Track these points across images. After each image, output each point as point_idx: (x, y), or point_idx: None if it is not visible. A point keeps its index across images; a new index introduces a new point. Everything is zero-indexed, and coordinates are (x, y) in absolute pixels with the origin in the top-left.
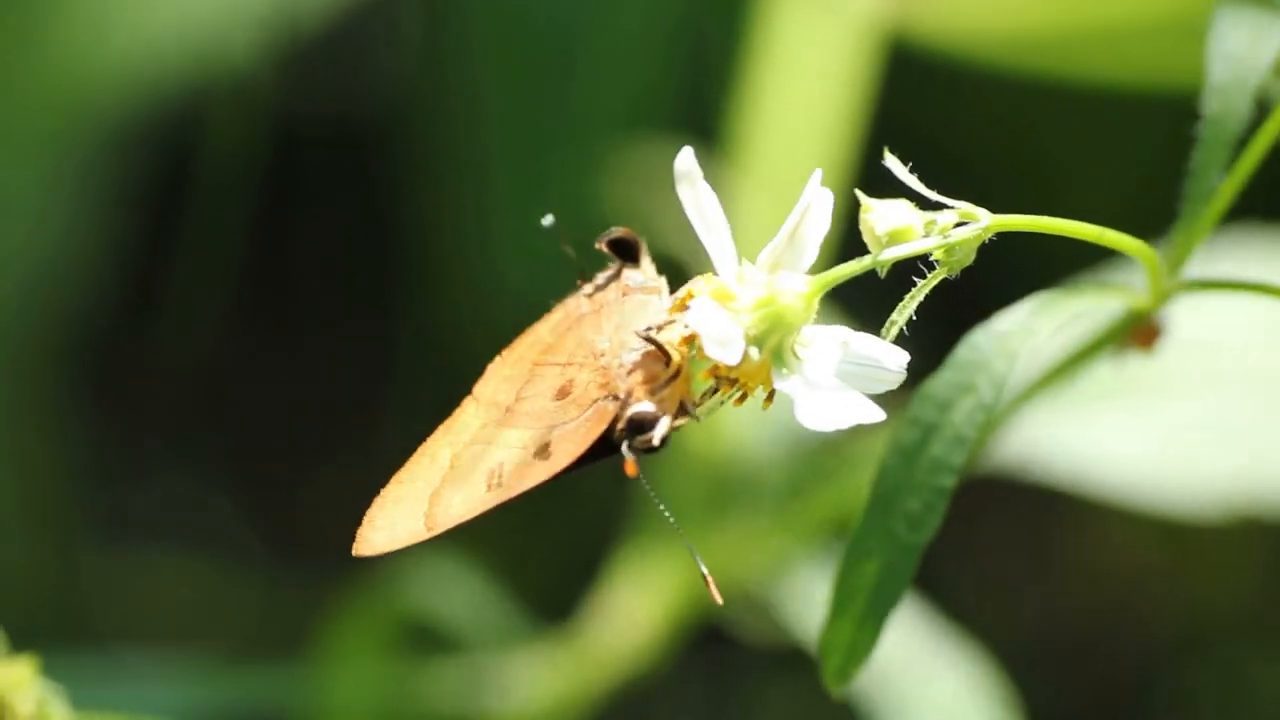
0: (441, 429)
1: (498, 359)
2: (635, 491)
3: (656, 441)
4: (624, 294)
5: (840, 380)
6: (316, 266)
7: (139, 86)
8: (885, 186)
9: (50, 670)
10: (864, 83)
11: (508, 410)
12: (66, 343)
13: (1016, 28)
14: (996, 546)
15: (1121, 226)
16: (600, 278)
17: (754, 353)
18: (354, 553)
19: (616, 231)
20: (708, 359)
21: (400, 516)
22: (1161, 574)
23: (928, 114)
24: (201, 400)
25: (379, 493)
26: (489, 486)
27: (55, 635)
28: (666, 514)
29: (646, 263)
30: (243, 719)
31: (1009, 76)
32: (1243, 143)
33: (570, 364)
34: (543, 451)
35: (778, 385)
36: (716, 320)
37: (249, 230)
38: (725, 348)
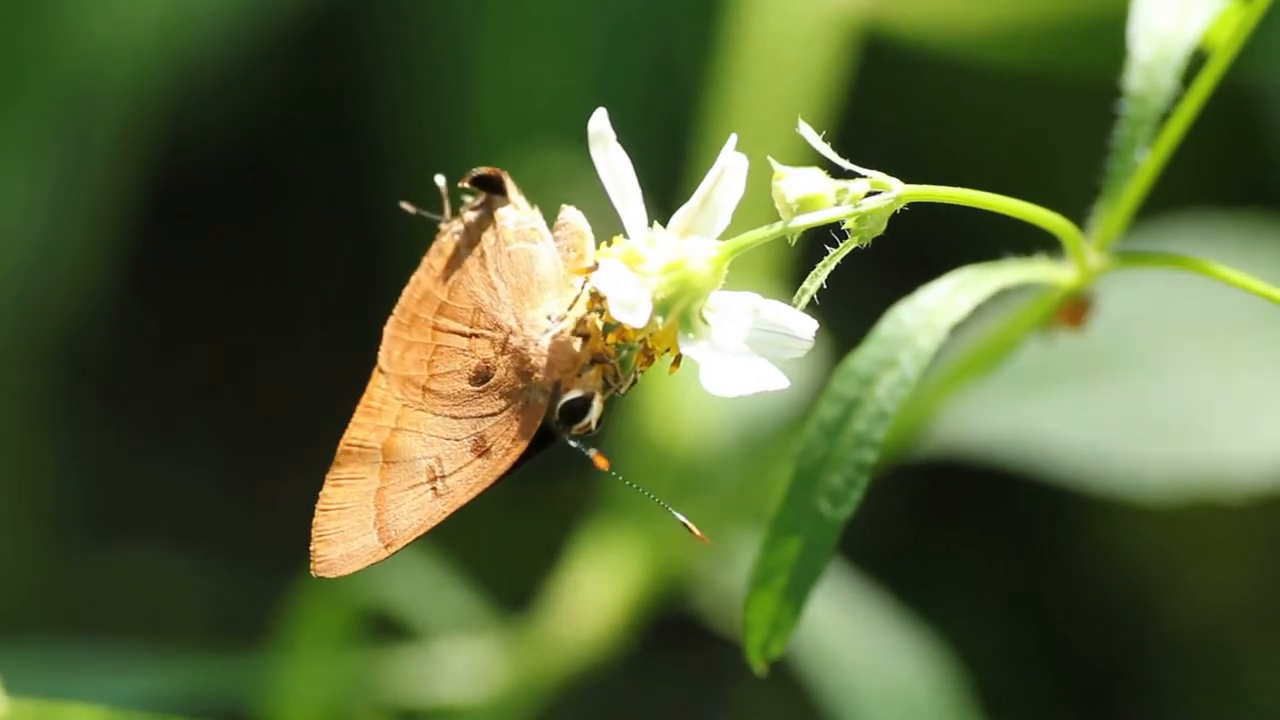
0: (358, 410)
1: (390, 320)
2: (597, 479)
3: (594, 425)
4: (506, 243)
5: (750, 347)
6: (309, 262)
7: (126, 79)
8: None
9: (30, 662)
10: (836, 73)
11: (425, 391)
12: (58, 338)
13: (991, 20)
14: (997, 545)
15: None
16: (467, 213)
17: (660, 318)
18: (313, 574)
19: (481, 170)
20: (615, 322)
21: (350, 527)
22: (1162, 572)
23: (904, 106)
24: (196, 395)
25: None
26: (435, 491)
27: (43, 628)
28: (635, 486)
29: (516, 197)
30: (208, 710)
31: (986, 69)
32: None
33: (475, 336)
34: (480, 447)
35: (685, 350)
36: (624, 283)
37: (240, 227)
38: (632, 311)
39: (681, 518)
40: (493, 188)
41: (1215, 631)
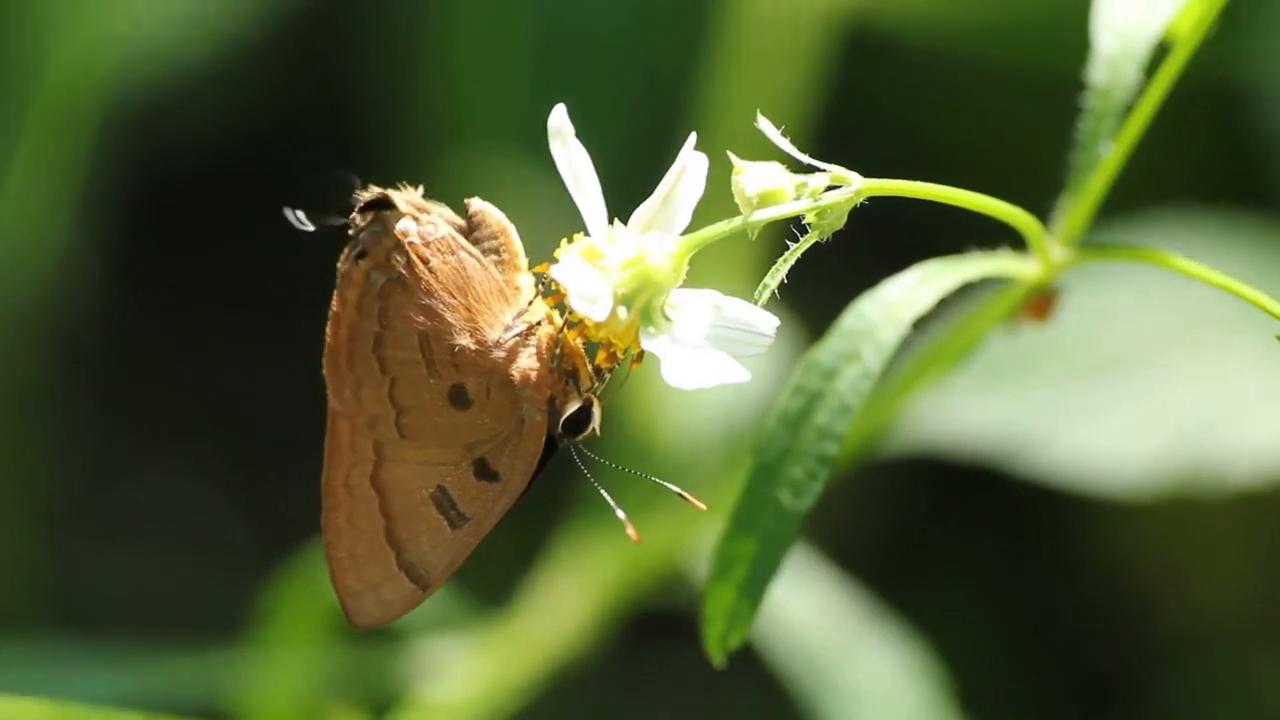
0: (327, 451)
1: (325, 360)
2: (575, 478)
3: (598, 430)
4: (424, 260)
5: (713, 344)
6: (305, 260)
7: (122, 76)
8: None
9: (19, 658)
10: (824, 64)
11: (399, 425)
12: (54, 335)
13: (970, 13)
14: (992, 544)
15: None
16: (362, 236)
17: (622, 312)
18: (354, 627)
19: (365, 196)
20: (577, 319)
21: (373, 574)
22: (1162, 573)
23: (888, 98)
24: (193, 393)
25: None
26: (451, 522)
27: (35, 625)
28: (623, 469)
29: (409, 207)
30: (197, 706)
31: (967, 61)
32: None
33: (433, 362)
34: (484, 471)
35: (646, 345)
36: (583, 276)
37: (239, 225)
38: (593, 303)
39: (676, 489)
40: (382, 206)
41: (1212, 631)
